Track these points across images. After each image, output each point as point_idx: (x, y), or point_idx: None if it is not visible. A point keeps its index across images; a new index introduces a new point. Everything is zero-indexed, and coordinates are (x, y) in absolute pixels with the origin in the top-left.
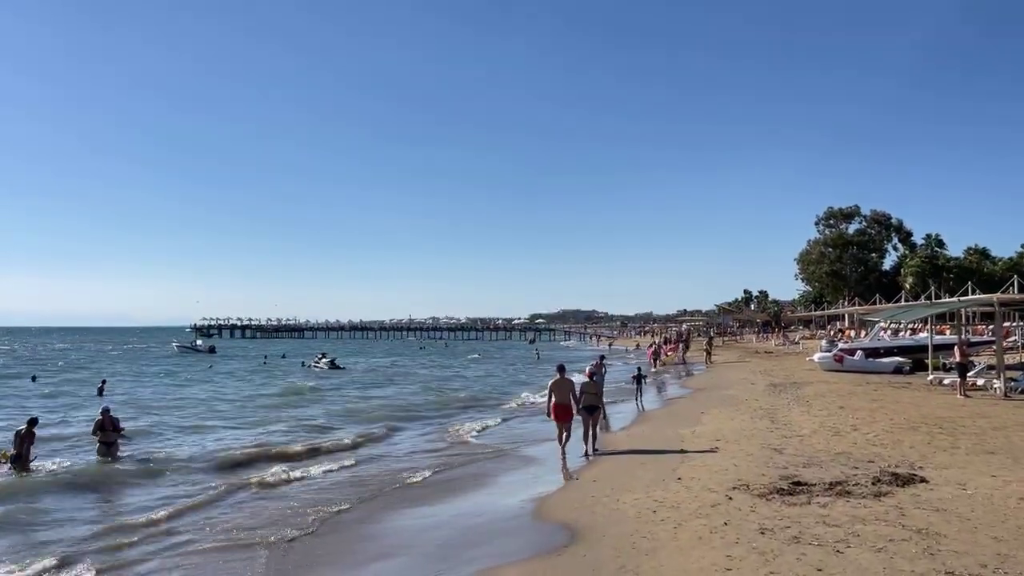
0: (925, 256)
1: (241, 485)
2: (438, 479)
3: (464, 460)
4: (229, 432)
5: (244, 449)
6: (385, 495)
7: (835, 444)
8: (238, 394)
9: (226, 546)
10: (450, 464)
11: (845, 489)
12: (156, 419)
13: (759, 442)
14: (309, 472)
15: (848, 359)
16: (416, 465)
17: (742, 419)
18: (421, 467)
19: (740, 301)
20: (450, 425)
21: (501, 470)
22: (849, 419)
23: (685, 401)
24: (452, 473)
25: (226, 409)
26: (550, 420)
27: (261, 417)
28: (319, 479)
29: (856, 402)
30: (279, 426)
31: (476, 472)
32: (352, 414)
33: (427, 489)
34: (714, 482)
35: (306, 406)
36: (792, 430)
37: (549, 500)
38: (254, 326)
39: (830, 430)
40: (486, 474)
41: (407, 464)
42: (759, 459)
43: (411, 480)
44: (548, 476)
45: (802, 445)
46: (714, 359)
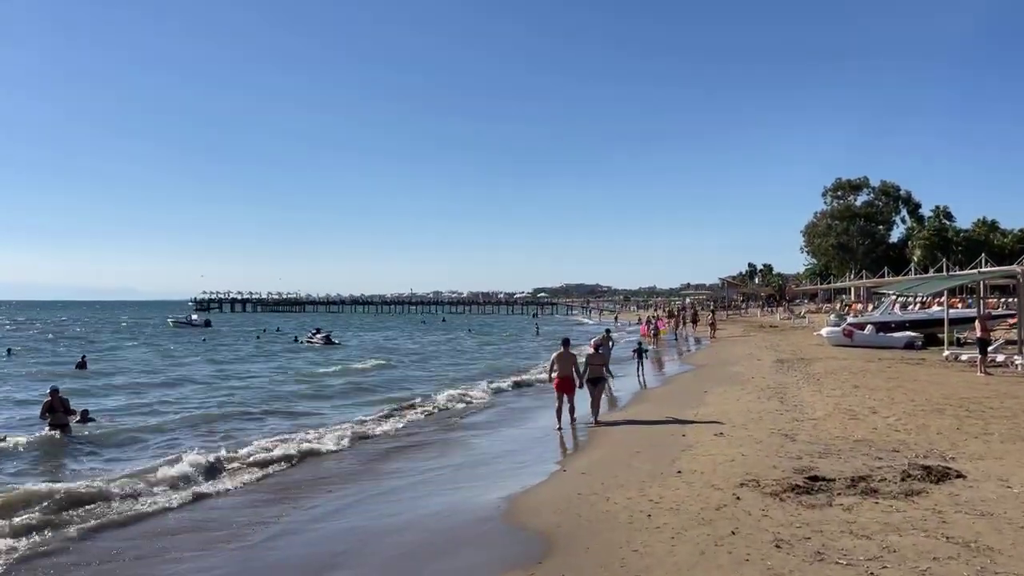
0: (934, 228)
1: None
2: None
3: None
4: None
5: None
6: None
7: (853, 429)
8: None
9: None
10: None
11: (871, 486)
12: (127, 400)
13: (768, 426)
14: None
15: (858, 334)
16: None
17: (749, 399)
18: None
19: (744, 274)
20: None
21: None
22: (866, 400)
23: (687, 378)
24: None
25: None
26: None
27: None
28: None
29: (871, 380)
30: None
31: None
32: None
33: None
34: (719, 476)
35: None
36: (804, 412)
37: (530, 497)
38: (254, 300)
39: (846, 413)
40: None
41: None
42: (769, 447)
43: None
44: (534, 466)
45: (816, 430)
46: (717, 333)
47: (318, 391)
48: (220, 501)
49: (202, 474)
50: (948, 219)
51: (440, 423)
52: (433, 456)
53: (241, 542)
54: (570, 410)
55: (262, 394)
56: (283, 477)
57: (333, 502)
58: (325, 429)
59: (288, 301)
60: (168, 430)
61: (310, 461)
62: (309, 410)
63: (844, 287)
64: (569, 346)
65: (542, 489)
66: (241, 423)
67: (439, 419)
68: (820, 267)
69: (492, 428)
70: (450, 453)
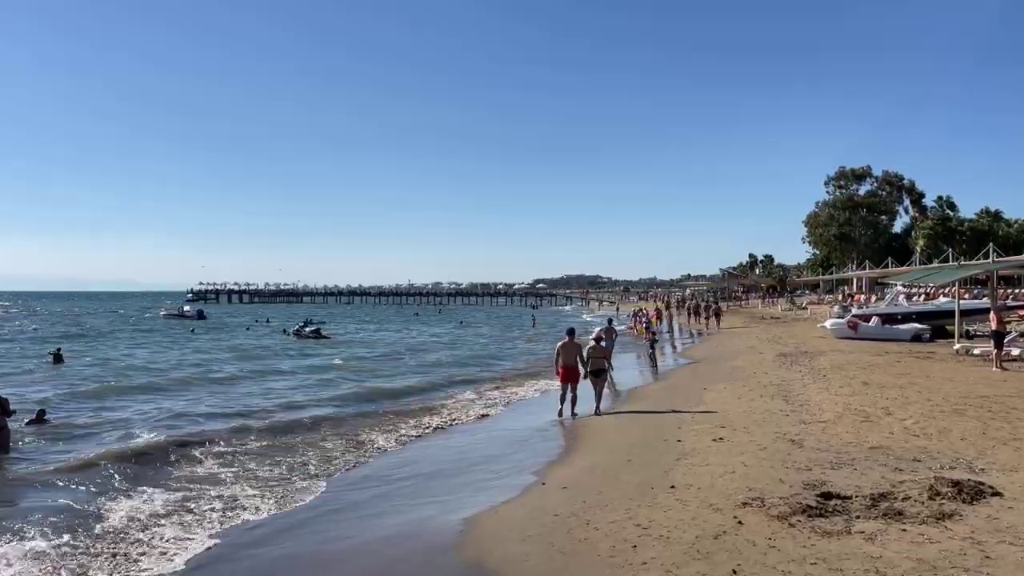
0: (938, 218)
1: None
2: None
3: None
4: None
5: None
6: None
7: (867, 434)
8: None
9: None
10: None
11: (894, 507)
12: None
13: (772, 429)
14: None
15: (863, 326)
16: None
17: (751, 397)
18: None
19: (745, 265)
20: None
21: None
22: (878, 399)
23: (685, 374)
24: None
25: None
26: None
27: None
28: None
29: (881, 376)
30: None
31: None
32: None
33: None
34: (718, 493)
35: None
36: (811, 413)
37: (498, 519)
38: (251, 291)
39: (857, 414)
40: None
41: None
42: (774, 455)
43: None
44: (512, 476)
45: (825, 435)
46: (716, 324)
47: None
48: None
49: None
50: (951, 209)
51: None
52: (406, 463)
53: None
54: (572, 400)
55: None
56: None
57: (282, 519)
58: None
59: (285, 292)
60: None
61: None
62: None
63: (846, 278)
64: (574, 336)
65: (514, 508)
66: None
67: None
68: (821, 258)
69: (470, 432)
70: (423, 460)
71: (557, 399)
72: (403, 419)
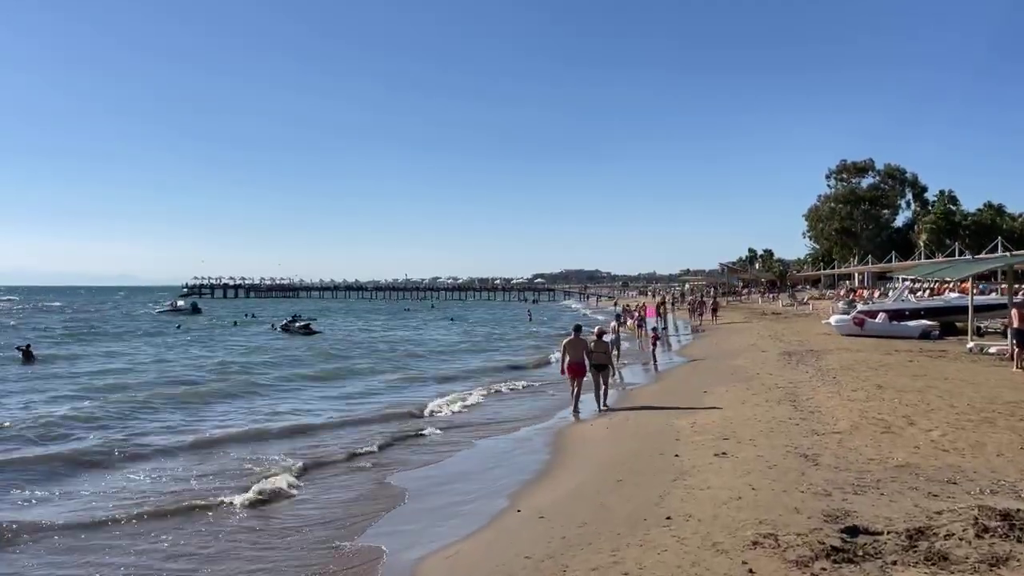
0: (941, 212)
1: None
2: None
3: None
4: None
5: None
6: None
7: (890, 448)
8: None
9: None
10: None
11: (935, 547)
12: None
13: (782, 442)
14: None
15: (869, 322)
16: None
17: (755, 402)
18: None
19: (745, 260)
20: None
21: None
22: (896, 405)
23: (683, 374)
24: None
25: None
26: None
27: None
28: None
29: (895, 378)
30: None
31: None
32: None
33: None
34: (722, 526)
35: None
36: (824, 422)
37: (453, 564)
38: (247, 286)
39: (876, 423)
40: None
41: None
42: (786, 475)
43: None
44: (483, 500)
45: (842, 449)
46: (716, 320)
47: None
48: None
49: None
50: (952, 204)
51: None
52: (364, 488)
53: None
54: (576, 396)
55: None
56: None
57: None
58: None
59: (281, 287)
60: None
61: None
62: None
63: (849, 272)
64: (580, 332)
65: (478, 546)
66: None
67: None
68: (822, 253)
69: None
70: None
71: (544, 406)
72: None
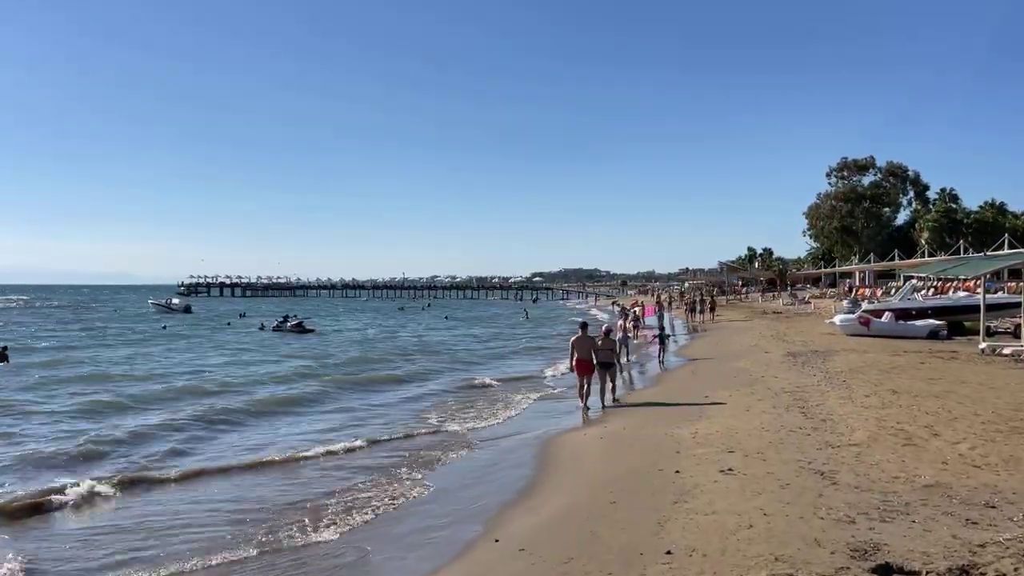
0: (943, 210)
1: None
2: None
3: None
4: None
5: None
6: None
7: (915, 464)
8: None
9: None
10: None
11: None
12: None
13: (794, 456)
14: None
15: (875, 322)
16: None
17: (762, 408)
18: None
19: (744, 259)
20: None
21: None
22: (915, 412)
23: (683, 376)
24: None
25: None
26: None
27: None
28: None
29: (908, 382)
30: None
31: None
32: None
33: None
34: (732, 564)
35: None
36: (838, 432)
37: None
38: (243, 284)
39: (896, 433)
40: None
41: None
42: (802, 496)
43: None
44: (458, 525)
45: (861, 464)
46: (714, 318)
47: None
48: None
49: None
50: (953, 202)
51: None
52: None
53: None
54: (586, 393)
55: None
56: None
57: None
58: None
59: (278, 286)
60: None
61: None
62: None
63: (850, 271)
64: (587, 330)
65: None
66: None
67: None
68: (822, 251)
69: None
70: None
71: (530, 416)
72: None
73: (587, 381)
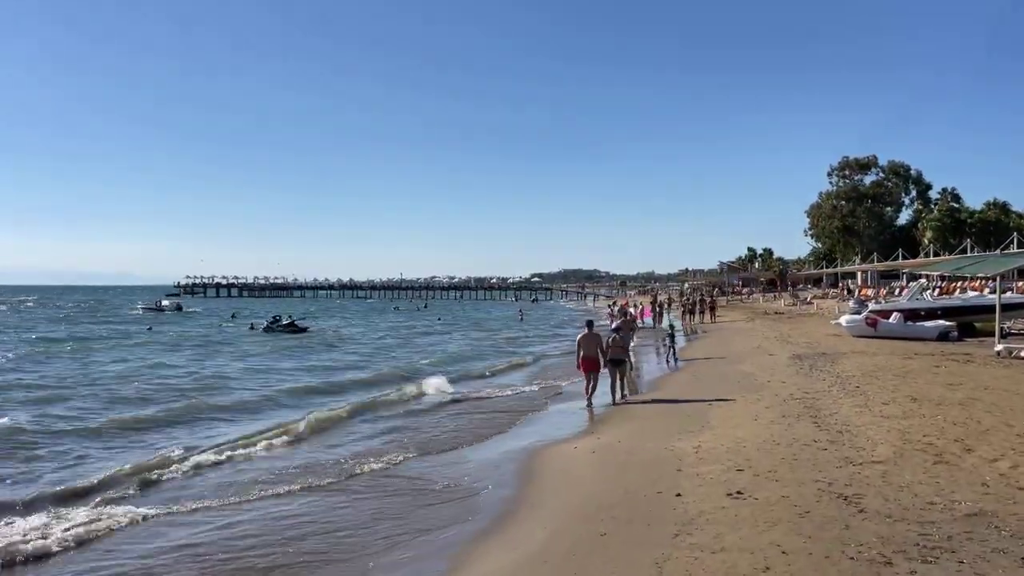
0: (946, 210)
1: None
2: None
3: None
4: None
5: None
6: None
7: (950, 485)
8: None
9: None
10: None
11: None
12: None
13: (811, 475)
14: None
15: (883, 323)
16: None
17: (770, 418)
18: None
19: (744, 259)
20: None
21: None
22: (942, 423)
23: (683, 381)
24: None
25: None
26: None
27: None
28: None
29: (927, 387)
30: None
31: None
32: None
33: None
34: None
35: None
36: (858, 446)
37: None
38: (240, 284)
39: (924, 448)
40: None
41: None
42: (825, 528)
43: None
44: (411, 565)
45: (890, 486)
46: (714, 319)
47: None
48: None
49: None
50: (955, 202)
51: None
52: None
53: None
54: (591, 391)
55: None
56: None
57: None
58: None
59: (274, 286)
60: None
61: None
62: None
63: (853, 271)
64: (593, 327)
65: None
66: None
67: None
68: (824, 251)
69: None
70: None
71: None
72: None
73: (593, 379)
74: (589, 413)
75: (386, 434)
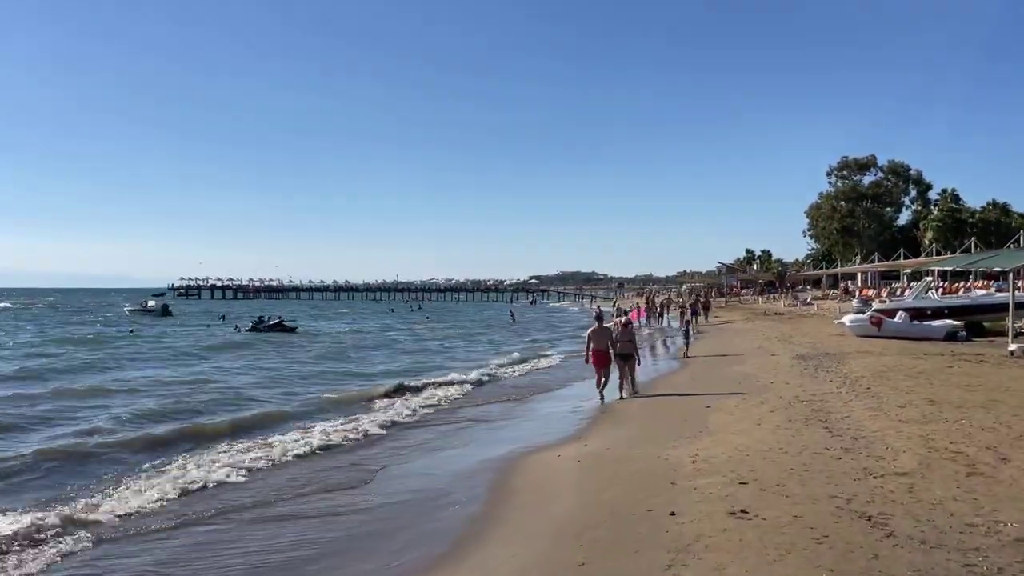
0: (947, 210)
1: None
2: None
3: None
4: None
5: None
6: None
7: (991, 502)
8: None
9: None
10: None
11: None
12: None
13: (826, 490)
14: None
15: (888, 322)
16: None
17: (776, 422)
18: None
19: (743, 261)
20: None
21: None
22: (967, 428)
23: (680, 382)
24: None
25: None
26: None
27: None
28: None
29: (943, 389)
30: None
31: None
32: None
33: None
34: None
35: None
36: (876, 455)
37: None
38: (234, 286)
39: (953, 458)
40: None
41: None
42: (848, 559)
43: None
44: None
45: (919, 503)
46: (708, 318)
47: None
48: None
49: None
50: (955, 202)
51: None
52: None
53: None
54: (603, 383)
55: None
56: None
57: None
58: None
59: (270, 288)
60: None
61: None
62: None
63: (853, 271)
64: (603, 321)
65: None
66: None
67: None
68: (823, 252)
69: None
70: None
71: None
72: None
73: (604, 373)
74: (601, 407)
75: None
